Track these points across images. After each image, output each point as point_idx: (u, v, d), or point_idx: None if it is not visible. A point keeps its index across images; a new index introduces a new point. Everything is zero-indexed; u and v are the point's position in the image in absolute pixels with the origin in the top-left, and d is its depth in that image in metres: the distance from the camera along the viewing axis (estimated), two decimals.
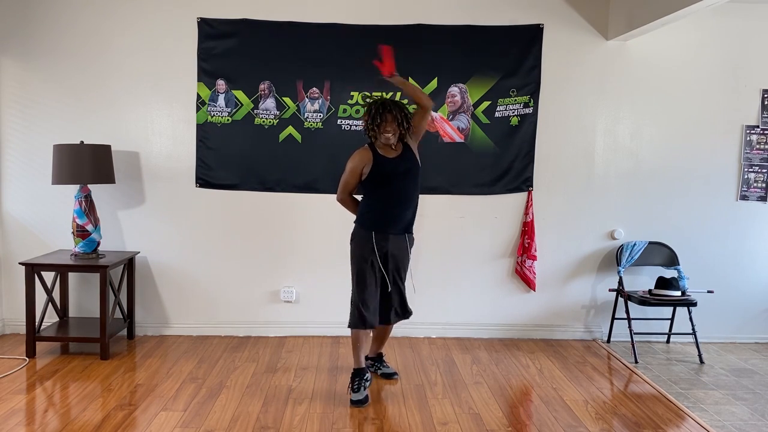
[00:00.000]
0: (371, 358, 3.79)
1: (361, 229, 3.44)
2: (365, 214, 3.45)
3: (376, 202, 3.43)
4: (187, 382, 3.59)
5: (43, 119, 4.29)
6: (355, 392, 3.36)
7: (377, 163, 3.37)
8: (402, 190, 3.41)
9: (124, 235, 4.40)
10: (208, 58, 4.27)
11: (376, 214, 3.42)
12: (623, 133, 4.46)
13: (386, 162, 3.38)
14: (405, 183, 3.41)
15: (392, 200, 3.40)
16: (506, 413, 3.26)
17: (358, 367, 3.43)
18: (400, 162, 3.40)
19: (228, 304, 4.47)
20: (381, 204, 3.42)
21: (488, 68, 4.33)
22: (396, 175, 3.38)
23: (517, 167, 4.43)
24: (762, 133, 4.48)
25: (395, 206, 3.41)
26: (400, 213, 3.41)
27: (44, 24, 4.23)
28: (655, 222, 4.52)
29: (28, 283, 3.86)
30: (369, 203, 3.46)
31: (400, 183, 3.39)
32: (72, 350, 4.08)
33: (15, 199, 4.35)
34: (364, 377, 3.42)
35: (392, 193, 3.40)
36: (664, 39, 4.37)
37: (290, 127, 4.33)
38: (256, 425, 3.04)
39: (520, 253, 4.47)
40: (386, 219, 3.41)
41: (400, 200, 3.41)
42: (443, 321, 4.53)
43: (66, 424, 2.99)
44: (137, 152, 4.35)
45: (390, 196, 3.40)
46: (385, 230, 3.40)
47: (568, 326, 4.58)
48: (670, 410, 3.35)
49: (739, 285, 4.59)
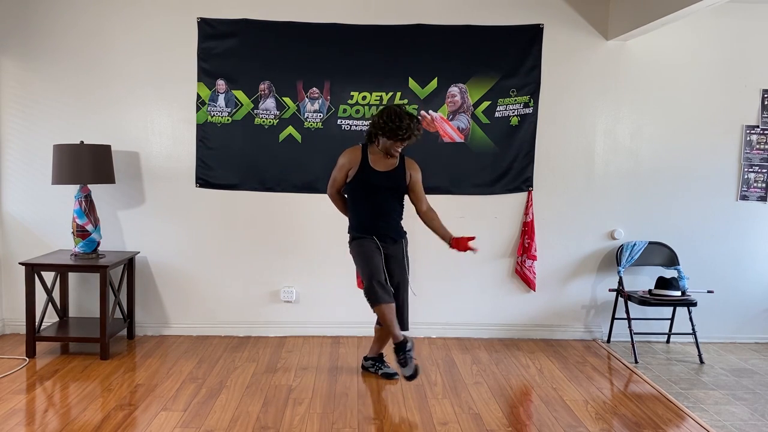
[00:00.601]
0: (371, 359, 3.79)
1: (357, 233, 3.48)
2: (354, 222, 3.50)
3: (359, 211, 3.46)
4: (187, 382, 3.59)
5: (43, 119, 4.29)
6: (404, 366, 3.40)
7: (363, 170, 3.36)
8: (382, 204, 3.43)
9: (124, 235, 4.40)
10: (208, 58, 4.27)
11: (363, 223, 3.45)
12: (623, 133, 4.46)
13: (372, 173, 3.37)
14: (386, 198, 3.42)
15: (373, 212, 3.42)
16: (506, 413, 3.26)
17: (396, 342, 3.42)
18: (387, 178, 3.39)
19: (228, 304, 4.47)
20: (363, 214, 3.45)
21: (488, 68, 4.34)
22: (379, 189, 3.38)
23: (517, 167, 4.43)
24: (762, 133, 4.48)
25: (376, 218, 3.43)
26: (383, 224, 3.45)
27: (44, 24, 4.24)
28: (655, 222, 4.52)
29: (28, 283, 3.86)
30: (353, 210, 3.50)
31: (381, 198, 3.41)
32: (72, 350, 4.08)
33: (15, 199, 4.35)
34: (407, 349, 3.41)
35: (373, 205, 3.41)
36: (664, 39, 4.37)
37: (290, 127, 4.33)
38: (256, 425, 3.04)
39: (520, 253, 4.47)
40: (374, 228, 3.43)
41: (381, 213, 3.43)
42: (443, 321, 4.53)
43: (66, 424, 2.99)
44: (137, 152, 4.35)
45: (371, 208, 3.42)
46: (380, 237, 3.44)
47: (568, 326, 4.58)
48: (670, 410, 3.35)
49: (739, 285, 4.59)
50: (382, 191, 3.39)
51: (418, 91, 4.34)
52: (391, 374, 3.70)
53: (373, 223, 3.44)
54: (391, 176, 3.41)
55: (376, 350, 3.78)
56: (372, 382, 3.65)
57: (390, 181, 3.41)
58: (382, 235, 3.46)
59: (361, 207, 3.46)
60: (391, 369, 3.74)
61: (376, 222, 3.44)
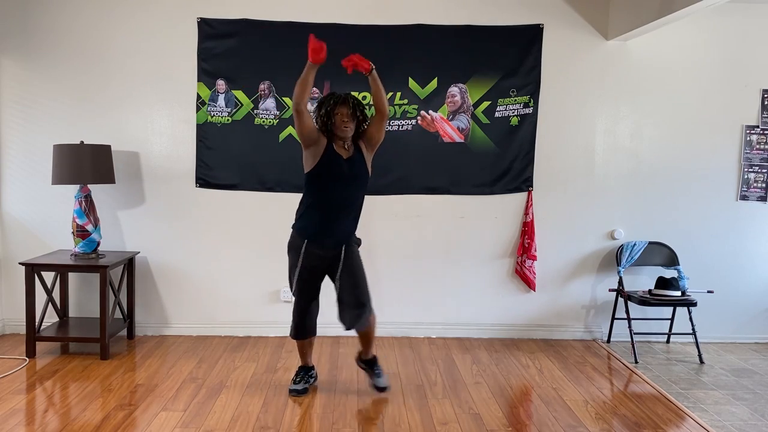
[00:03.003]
0: (364, 362, 3.53)
1: (297, 236, 3.29)
2: (302, 217, 3.29)
3: (315, 204, 3.24)
4: (187, 382, 3.59)
5: (43, 119, 4.29)
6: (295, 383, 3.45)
7: (327, 154, 3.17)
8: (344, 196, 3.22)
9: (124, 235, 4.40)
10: (208, 58, 4.27)
11: (312, 219, 3.24)
12: (623, 133, 4.46)
13: (336, 159, 3.19)
14: (349, 189, 3.23)
15: (331, 205, 3.21)
16: (506, 413, 3.26)
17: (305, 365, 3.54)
18: (349, 165, 3.21)
19: (228, 304, 4.46)
20: (319, 208, 3.23)
21: (488, 68, 4.33)
22: (342, 177, 3.19)
23: (517, 167, 4.43)
24: (762, 133, 4.48)
25: (333, 212, 3.22)
26: (337, 221, 3.23)
27: (44, 24, 4.24)
28: (655, 222, 4.52)
29: (28, 283, 3.86)
30: (307, 204, 3.27)
31: (344, 188, 3.21)
32: (72, 350, 4.08)
33: (15, 199, 4.35)
34: (309, 374, 3.53)
35: (333, 197, 3.20)
36: (664, 39, 4.37)
37: (290, 127, 4.33)
38: (256, 425, 3.04)
39: (520, 253, 4.47)
40: (322, 227, 3.22)
41: (341, 206, 3.22)
42: (443, 321, 4.53)
43: (66, 424, 2.99)
44: (137, 152, 4.35)
45: (330, 201, 3.21)
46: (320, 240, 3.24)
47: (568, 326, 4.58)
48: (670, 410, 3.35)
49: (739, 285, 4.59)
50: (345, 180, 3.20)
51: (418, 91, 4.34)
52: (382, 388, 3.45)
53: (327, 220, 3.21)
54: (354, 161, 3.23)
55: (365, 351, 3.50)
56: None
57: (354, 167, 3.22)
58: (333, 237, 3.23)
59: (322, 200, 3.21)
60: (382, 382, 3.47)
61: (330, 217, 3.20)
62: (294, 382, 3.47)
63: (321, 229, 3.24)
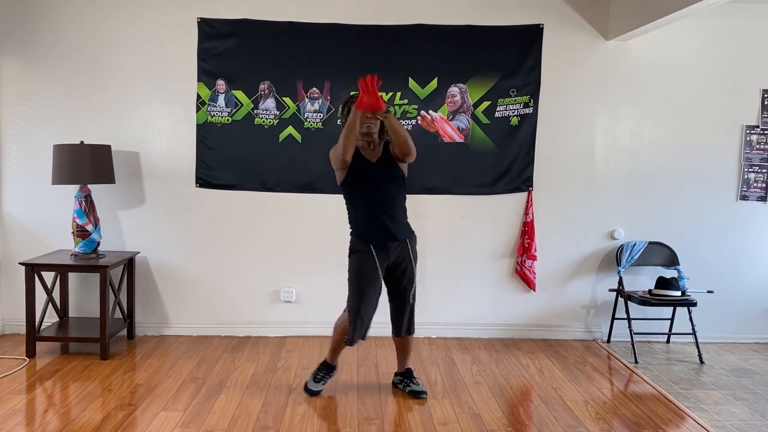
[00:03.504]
0: (400, 374, 3.55)
1: (358, 242, 3.29)
2: (355, 225, 3.32)
3: (359, 210, 3.28)
4: (187, 382, 3.59)
5: (43, 119, 4.29)
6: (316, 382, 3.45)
7: (356, 162, 3.19)
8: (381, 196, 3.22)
9: (124, 235, 4.40)
10: (208, 58, 4.27)
11: (365, 224, 3.26)
12: (623, 133, 4.47)
13: (364, 163, 3.22)
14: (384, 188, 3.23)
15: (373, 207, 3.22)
16: (506, 413, 3.26)
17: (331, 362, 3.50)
18: (378, 167, 3.23)
19: (228, 304, 4.47)
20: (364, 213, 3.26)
21: (488, 68, 4.33)
22: (372, 179, 3.20)
23: (517, 167, 4.43)
24: (762, 133, 4.48)
25: (378, 214, 3.22)
26: (387, 220, 3.23)
27: (44, 24, 4.24)
28: (655, 222, 4.52)
29: (28, 283, 3.86)
30: (353, 212, 3.31)
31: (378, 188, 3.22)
32: (72, 350, 4.08)
33: (15, 199, 4.35)
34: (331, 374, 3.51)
35: (370, 199, 3.22)
36: (664, 39, 4.37)
37: (290, 127, 4.33)
38: (256, 425, 3.04)
39: (520, 253, 4.47)
40: (377, 228, 3.23)
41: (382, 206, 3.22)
42: (443, 321, 4.53)
43: (66, 424, 2.99)
44: (137, 152, 4.35)
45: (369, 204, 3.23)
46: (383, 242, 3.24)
47: (568, 326, 4.58)
48: (670, 410, 3.35)
49: (739, 285, 4.59)
50: (377, 182, 3.21)
51: (418, 91, 4.34)
52: (418, 392, 3.43)
53: (375, 225, 3.23)
54: (384, 164, 3.24)
55: (402, 364, 3.54)
56: (372, 382, 3.65)
57: (383, 168, 3.23)
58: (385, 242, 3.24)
59: (361, 204, 3.25)
60: (420, 386, 3.47)
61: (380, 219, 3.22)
62: (315, 380, 3.46)
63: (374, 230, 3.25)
